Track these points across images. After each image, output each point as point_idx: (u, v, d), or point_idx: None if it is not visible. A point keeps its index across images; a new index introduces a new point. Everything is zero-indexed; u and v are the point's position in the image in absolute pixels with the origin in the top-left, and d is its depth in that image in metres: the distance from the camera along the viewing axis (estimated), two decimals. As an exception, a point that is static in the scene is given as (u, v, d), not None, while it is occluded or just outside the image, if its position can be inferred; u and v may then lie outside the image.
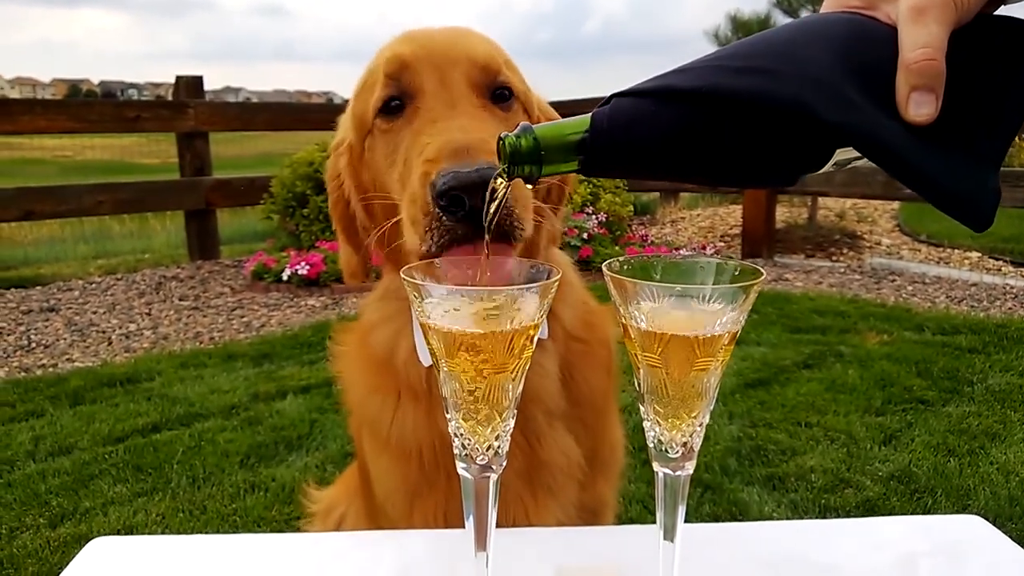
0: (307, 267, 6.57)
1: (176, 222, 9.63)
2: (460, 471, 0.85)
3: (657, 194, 11.47)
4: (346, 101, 1.48)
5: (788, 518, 2.70)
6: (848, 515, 2.72)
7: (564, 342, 1.38)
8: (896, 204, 10.52)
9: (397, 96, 1.26)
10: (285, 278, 6.64)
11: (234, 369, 4.49)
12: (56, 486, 3.08)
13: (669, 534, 0.89)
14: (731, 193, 9.18)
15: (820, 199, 9.09)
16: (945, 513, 2.64)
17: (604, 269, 0.84)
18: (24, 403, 4.01)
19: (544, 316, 0.80)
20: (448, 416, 0.83)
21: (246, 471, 3.17)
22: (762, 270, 0.81)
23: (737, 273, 0.84)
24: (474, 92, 1.25)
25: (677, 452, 0.85)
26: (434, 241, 1.10)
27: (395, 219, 1.22)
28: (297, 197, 7.32)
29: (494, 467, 0.84)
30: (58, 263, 8.48)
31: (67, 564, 2.49)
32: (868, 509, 2.74)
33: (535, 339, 0.80)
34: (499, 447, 0.83)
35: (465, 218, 1.05)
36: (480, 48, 1.29)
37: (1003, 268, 7.40)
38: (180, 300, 6.58)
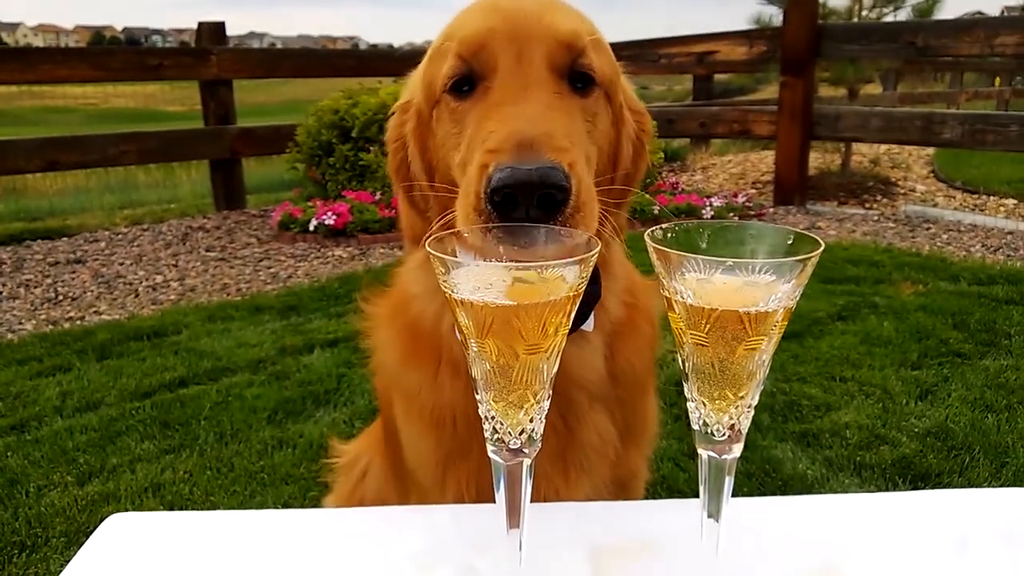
0: (334, 217, 6.52)
1: (202, 171, 9.59)
2: (491, 455, 0.80)
3: (687, 140, 11.29)
4: (372, 47, 1.38)
5: (823, 476, 2.65)
6: (884, 473, 2.66)
7: (606, 329, 1.32)
8: (931, 150, 10.30)
9: (468, 74, 1.16)
10: (312, 228, 6.60)
11: (261, 322, 4.47)
12: (83, 443, 3.09)
13: (714, 515, 0.84)
14: (763, 139, 8.99)
15: (854, 144, 8.91)
16: (983, 471, 2.60)
17: (647, 239, 0.77)
18: (51, 357, 4.01)
19: (582, 288, 0.74)
20: (478, 398, 0.78)
21: (274, 427, 3.16)
22: (820, 240, 0.74)
23: (791, 242, 0.78)
24: (552, 74, 1.14)
25: (723, 435, 0.79)
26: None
27: (452, 199, 1.14)
28: (323, 146, 7.25)
29: (527, 451, 0.78)
30: (84, 213, 8.49)
31: (95, 523, 2.49)
32: (904, 467, 2.69)
33: (571, 315, 0.74)
34: (533, 430, 0.78)
35: (511, 216, 0.98)
36: (564, 24, 1.17)
37: (1041, 215, 7.23)
38: (207, 251, 6.56)
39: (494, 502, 0.83)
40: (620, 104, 1.28)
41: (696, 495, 2.23)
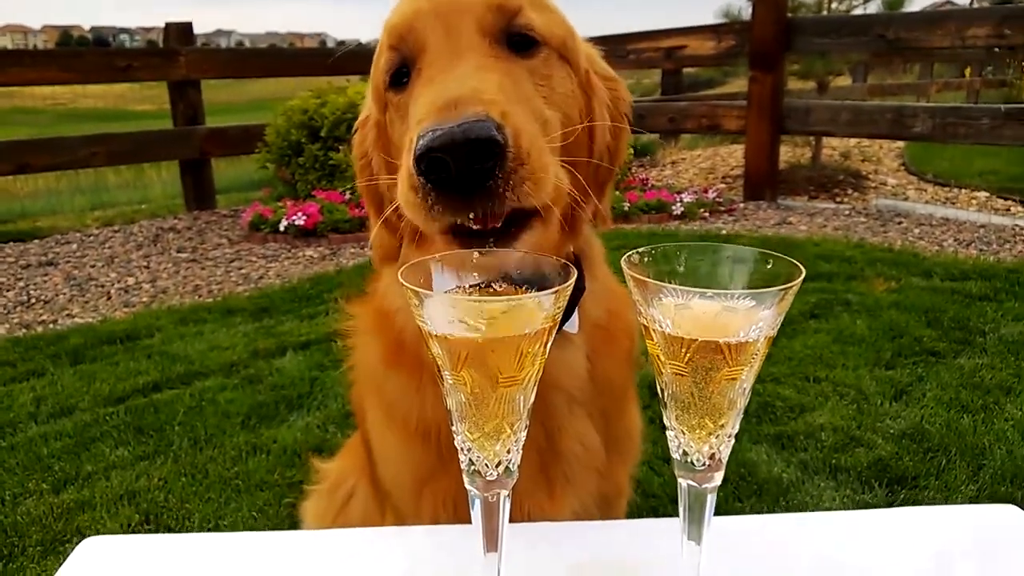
0: (304, 217, 6.47)
1: (172, 171, 9.50)
2: (467, 486, 0.78)
3: (656, 135, 11.31)
4: (340, 43, 1.33)
5: (798, 479, 2.66)
6: (859, 476, 2.67)
7: (588, 331, 1.26)
8: (902, 143, 10.37)
9: (402, 63, 1.11)
10: (282, 229, 6.55)
11: (233, 324, 4.43)
12: (58, 449, 3.05)
13: (695, 539, 0.84)
14: (732, 133, 9.01)
15: (824, 138, 8.95)
16: (960, 473, 2.61)
17: (623, 264, 0.76)
18: (25, 362, 3.96)
19: (559, 317, 0.72)
20: (453, 429, 0.76)
21: (247, 432, 3.13)
22: (800, 266, 0.74)
23: (770, 265, 0.77)
24: (485, 40, 1.06)
25: (704, 464, 0.78)
26: (431, 221, 0.94)
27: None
28: (292, 146, 7.20)
29: (505, 482, 0.77)
30: (55, 215, 8.39)
31: (71, 532, 2.47)
32: (880, 469, 2.69)
33: (548, 345, 0.73)
34: (510, 461, 0.77)
35: (455, 189, 0.88)
36: None
37: (1012, 208, 7.30)
38: (178, 252, 6.50)
39: (470, 519, 0.81)
40: (585, 69, 1.20)
41: (672, 500, 2.23)
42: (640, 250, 0.79)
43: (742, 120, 7.86)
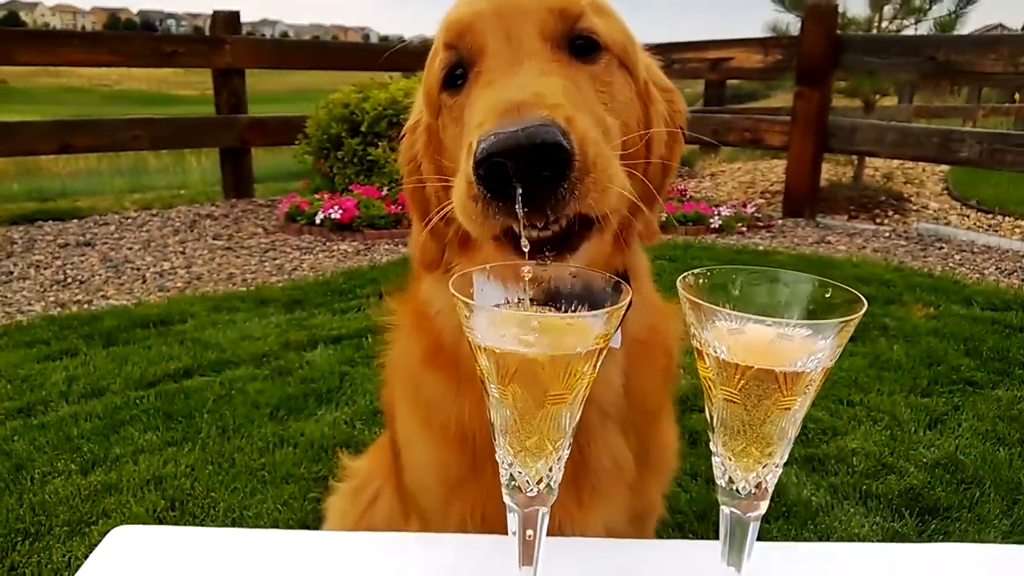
0: (340, 211, 6.50)
1: (211, 158, 9.58)
2: (506, 499, 0.77)
3: (696, 146, 11.24)
4: (383, 38, 1.31)
5: (827, 503, 2.62)
6: (890, 504, 2.63)
7: (627, 346, 1.22)
8: (946, 167, 10.22)
9: (458, 63, 1.07)
10: (318, 221, 6.58)
11: (266, 315, 4.45)
12: (88, 431, 3.07)
13: (735, 565, 0.81)
14: (775, 148, 8.91)
15: (867, 158, 8.85)
16: (993, 507, 2.56)
17: (679, 285, 0.75)
18: (59, 341, 4.00)
19: (610, 338, 0.71)
20: (495, 443, 0.75)
21: (275, 424, 3.14)
22: (863, 299, 0.71)
23: (829, 295, 0.75)
24: (547, 44, 1.02)
25: (749, 492, 0.76)
26: (486, 227, 0.90)
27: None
28: (332, 139, 7.22)
29: (545, 500, 0.76)
30: (95, 196, 8.48)
31: (98, 514, 2.48)
32: (911, 498, 2.65)
33: (598, 365, 0.71)
34: (551, 479, 0.75)
35: (512, 197, 0.83)
36: None
37: (1055, 240, 7.17)
38: (214, 239, 6.55)
39: (499, 529, 0.79)
40: (644, 79, 1.17)
41: (698, 517, 2.19)
42: (696, 271, 0.77)
43: (785, 136, 7.79)
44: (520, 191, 0.82)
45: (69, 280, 5.32)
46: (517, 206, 0.82)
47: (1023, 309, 4.55)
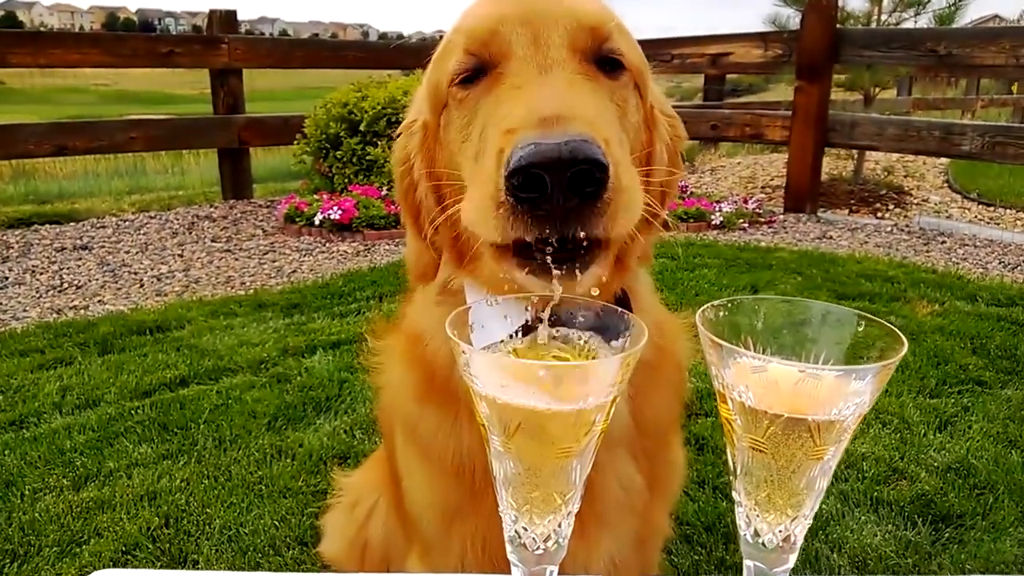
0: (339, 212, 6.44)
1: (210, 158, 9.52)
2: (510, 556, 0.71)
3: (696, 141, 11.17)
4: (382, 35, 1.25)
5: (838, 511, 2.56)
6: (902, 511, 2.57)
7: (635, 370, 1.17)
8: (946, 159, 10.17)
9: (476, 68, 1.05)
10: (317, 222, 6.52)
11: (264, 319, 4.39)
12: (81, 443, 3.00)
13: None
14: (775, 143, 8.83)
15: (867, 152, 8.79)
16: (1008, 513, 2.50)
17: (698, 321, 0.69)
18: (53, 349, 3.94)
19: (624, 385, 0.65)
20: (498, 496, 0.69)
21: (273, 434, 3.07)
22: (903, 338, 0.65)
23: (861, 329, 0.69)
24: (575, 55, 1.02)
25: (776, 545, 0.70)
26: (505, 235, 0.86)
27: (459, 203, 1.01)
28: (331, 139, 7.16)
29: (554, 558, 0.70)
30: (92, 198, 8.43)
31: (89, 532, 2.42)
32: (924, 505, 2.59)
33: (611, 413, 0.65)
34: (561, 535, 0.69)
35: (544, 211, 0.82)
36: (587, 5, 1.06)
37: (1060, 232, 7.11)
38: (212, 241, 6.49)
39: (502, 557, 0.73)
40: (651, 104, 1.17)
41: (706, 529, 2.13)
42: (716, 303, 0.71)
43: (786, 130, 7.73)
44: (557, 204, 0.81)
45: (65, 285, 5.26)
46: (547, 221, 0.80)
47: (1029, 305, 4.50)
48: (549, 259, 0.86)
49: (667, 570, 2.29)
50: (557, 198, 0.80)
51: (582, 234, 0.84)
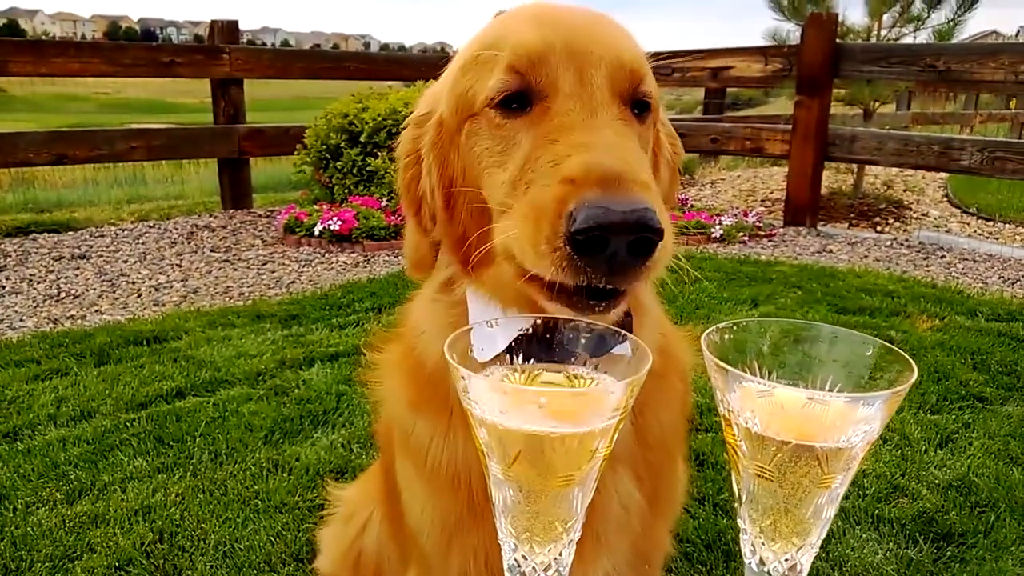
0: (339, 223, 6.43)
1: (210, 167, 9.53)
2: (511, 586, 0.69)
3: (696, 154, 11.18)
4: (384, 46, 1.26)
5: (839, 529, 2.54)
6: (903, 529, 2.54)
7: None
8: (945, 174, 10.18)
9: (522, 90, 1.06)
10: (317, 233, 6.51)
11: (262, 331, 4.36)
12: (76, 456, 2.97)
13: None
14: (775, 157, 8.83)
15: (867, 167, 8.79)
16: (1011, 532, 2.48)
17: (703, 345, 0.67)
18: (49, 360, 3.91)
19: (628, 411, 0.63)
20: (497, 524, 0.67)
21: (270, 448, 3.05)
22: (913, 364, 0.64)
23: (870, 354, 0.67)
24: (615, 100, 1.06)
25: (780, 572, 0.69)
26: (556, 275, 0.90)
27: (478, 217, 1.08)
28: (331, 149, 7.16)
29: (554, 587, 0.68)
30: (91, 207, 8.41)
31: (82, 547, 2.39)
32: (925, 523, 2.56)
33: (615, 439, 0.63)
34: (561, 565, 0.67)
35: (602, 262, 0.86)
36: (627, 46, 1.10)
37: (1060, 247, 7.10)
38: (211, 251, 6.48)
39: None
40: (658, 129, 1.22)
41: (707, 546, 2.11)
42: (721, 326, 0.69)
43: (786, 144, 7.74)
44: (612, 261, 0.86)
45: (63, 295, 5.25)
46: (599, 272, 0.86)
47: (1029, 321, 4.48)
48: (586, 297, 0.90)
49: (667, 588, 2.27)
50: (615, 256, 0.85)
51: (627, 283, 0.89)
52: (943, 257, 6.49)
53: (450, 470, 1.20)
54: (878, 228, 7.84)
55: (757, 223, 7.28)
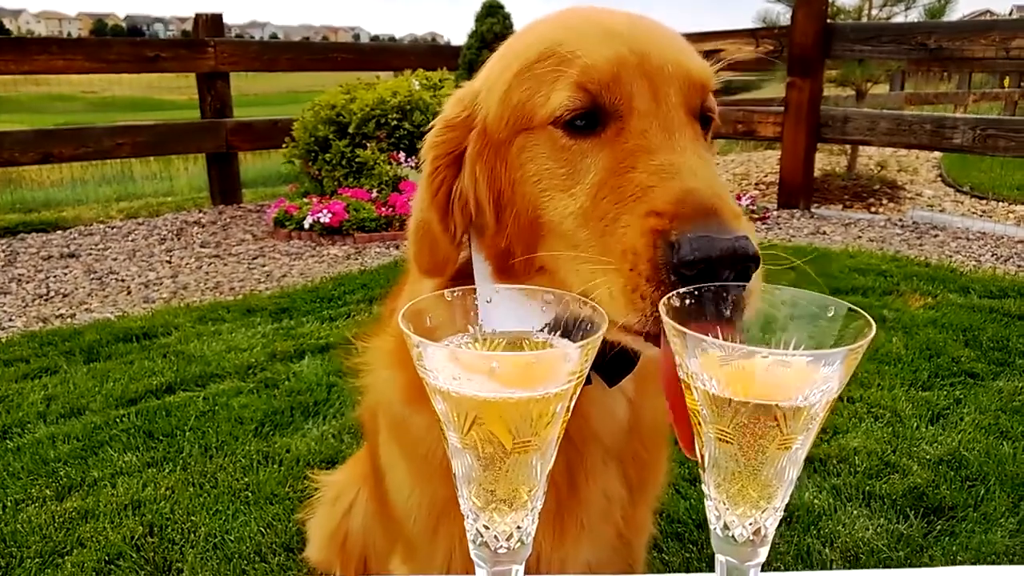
0: (329, 215, 6.40)
1: (199, 163, 9.50)
2: (474, 558, 0.68)
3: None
4: (374, 38, 1.18)
5: (830, 506, 2.54)
6: (894, 504, 2.54)
7: (636, 370, 1.12)
8: (939, 153, 10.17)
9: (591, 107, 0.99)
10: (307, 226, 6.48)
11: (252, 325, 4.35)
12: (65, 453, 2.96)
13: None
14: (768, 139, 8.79)
15: (860, 147, 8.77)
16: (999, 505, 2.49)
17: (661, 309, 0.66)
18: (39, 358, 3.90)
19: (586, 371, 0.62)
20: (459, 495, 0.66)
21: (260, 440, 3.04)
22: (871, 321, 0.63)
23: (831, 315, 0.66)
24: (689, 117, 1.01)
25: (746, 537, 0.68)
26: (650, 317, 0.86)
27: (530, 238, 1.04)
28: (319, 142, 7.12)
29: (517, 557, 0.67)
30: (80, 206, 8.38)
31: (72, 543, 2.38)
32: (916, 498, 2.56)
33: (572, 404, 0.62)
34: (524, 532, 0.66)
35: (706, 297, 0.81)
36: (693, 59, 1.05)
37: (1052, 224, 7.10)
38: (201, 247, 6.46)
39: None
40: None
41: (697, 526, 2.10)
42: (681, 291, 0.68)
43: (778, 127, 7.72)
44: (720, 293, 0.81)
45: (52, 294, 5.22)
46: (717, 307, 0.79)
47: (1021, 296, 4.48)
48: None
49: (658, 568, 2.27)
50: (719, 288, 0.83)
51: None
52: (936, 236, 6.48)
53: (445, 460, 1.18)
54: (872, 209, 7.83)
55: (751, 206, 7.27)
